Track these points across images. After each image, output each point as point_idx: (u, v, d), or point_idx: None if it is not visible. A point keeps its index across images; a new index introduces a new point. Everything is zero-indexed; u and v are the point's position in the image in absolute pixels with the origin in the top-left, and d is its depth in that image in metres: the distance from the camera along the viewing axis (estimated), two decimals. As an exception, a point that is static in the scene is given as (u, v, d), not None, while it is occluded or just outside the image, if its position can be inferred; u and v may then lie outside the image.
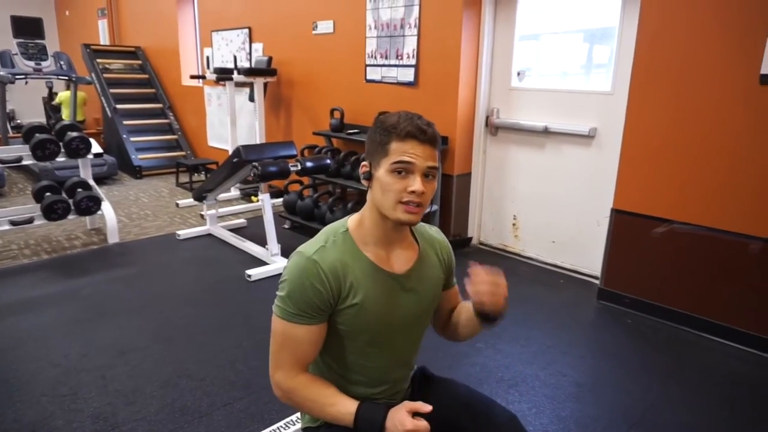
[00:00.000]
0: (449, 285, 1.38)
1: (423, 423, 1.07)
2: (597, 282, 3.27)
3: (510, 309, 1.23)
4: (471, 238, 4.18)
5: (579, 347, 2.72)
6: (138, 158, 6.62)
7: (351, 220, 1.23)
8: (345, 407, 1.13)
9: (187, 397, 2.23)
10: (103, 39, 8.60)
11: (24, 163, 3.93)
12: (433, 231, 1.36)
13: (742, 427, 2.11)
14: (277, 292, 1.18)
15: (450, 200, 3.98)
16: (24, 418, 2.08)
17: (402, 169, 1.10)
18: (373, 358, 1.25)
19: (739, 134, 2.57)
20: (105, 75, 7.13)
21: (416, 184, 1.10)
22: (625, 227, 3.05)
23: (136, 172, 6.53)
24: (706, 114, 2.66)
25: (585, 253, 3.52)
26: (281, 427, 2.01)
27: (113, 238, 4.16)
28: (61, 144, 3.94)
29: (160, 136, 7.11)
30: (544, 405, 2.22)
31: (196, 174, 6.35)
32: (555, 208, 3.67)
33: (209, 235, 4.38)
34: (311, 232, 4.32)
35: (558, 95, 3.55)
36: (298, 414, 2.04)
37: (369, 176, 1.17)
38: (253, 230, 4.43)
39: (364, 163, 1.18)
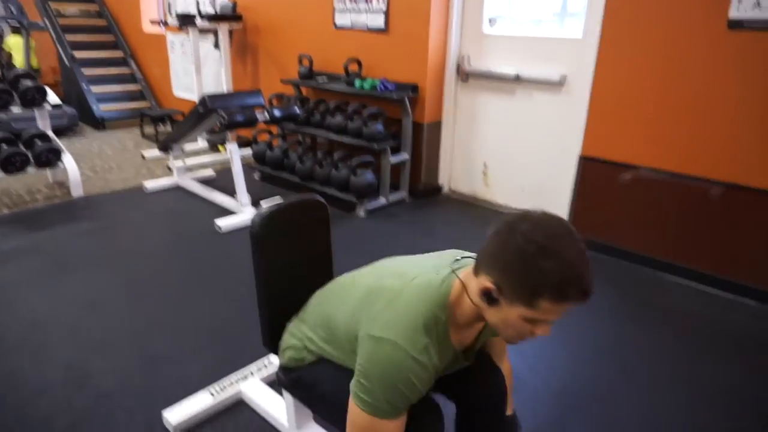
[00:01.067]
0: None
1: None
2: (564, 228, 3.34)
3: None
4: (441, 187, 4.20)
5: (545, 290, 2.81)
6: (100, 109, 6.36)
7: (451, 301, 1.06)
8: None
9: (159, 346, 2.24)
10: (55, -19, 8.07)
11: (-24, 113, 3.75)
12: None
13: (698, 361, 2.23)
14: (361, 380, 1.04)
15: (420, 149, 3.97)
16: (-7, 370, 2.07)
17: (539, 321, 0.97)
18: None
19: (707, 80, 2.60)
20: (59, 20, 6.73)
21: (548, 332, 1.00)
22: (592, 173, 3.10)
23: (99, 124, 6.30)
24: (674, 60, 2.67)
25: (553, 199, 3.58)
26: (253, 370, 2.06)
27: (77, 192, 4.05)
28: (14, 93, 3.76)
29: (123, 86, 6.82)
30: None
31: (161, 125, 6.15)
32: (525, 155, 3.69)
33: (177, 187, 4.29)
34: (281, 183, 4.29)
35: (530, 42, 3.51)
36: (270, 357, 2.09)
37: (492, 301, 0.98)
38: (223, 182, 4.36)
39: (488, 285, 0.96)
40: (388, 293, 1.09)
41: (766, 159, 2.50)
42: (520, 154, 3.71)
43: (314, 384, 1.29)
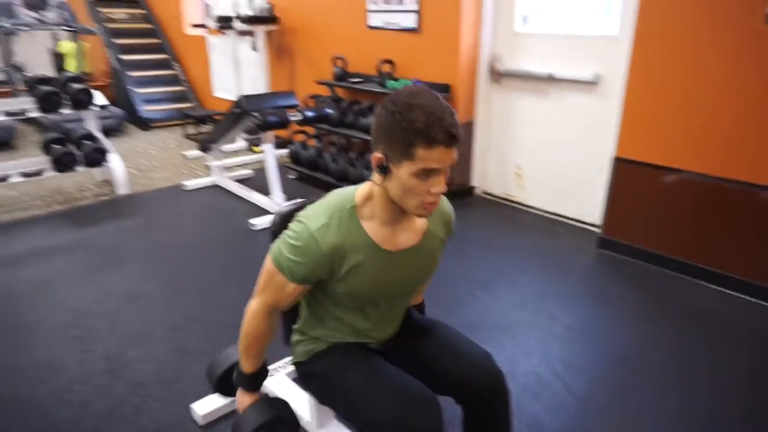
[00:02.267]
0: None
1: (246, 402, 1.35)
2: (598, 230, 3.29)
3: (509, 257, 1.29)
4: (474, 188, 4.19)
5: (574, 294, 2.77)
6: (145, 110, 6.62)
7: (359, 194, 1.20)
8: (245, 361, 1.35)
9: (193, 339, 2.34)
10: (106, -13, 8.43)
11: (31, 115, 3.98)
12: (443, 201, 1.34)
13: (727, 369, 2.16)
14: (280, 243, 1.21)
15: (453, 149, 3.96)
16: (39, 359, 2.20)
17: (428, 173, 1.06)
18: (359, 321, 1.32)
19: (745, 78, 2.50)
20: (108, 25, 7.05)
21: (441, 185, 1.09)
22: (627, 176, 3.03)
23: (144, 124, 6.56)
24: (711, 57, 2.59)
25: (587, 201, 3.52)
26: (279, 366, 2.12)
27: (122, 189, 4.24)
28: (65, 96, 3.97)
29: (167, 87, 7.08)
30: (534, 347, 2.29)
31: (203, 125, 6.36)
32: (558, 156, 3.64)
33: (216, 186, 4.44)
34: (316, 182, 4.37)
35: (563, 40, 3.45)
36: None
37: (385, 170, 1.10)
38: (260, 181, 4.47)
39: (378, 155, 1.10)
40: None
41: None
42: (554, 156, 3.66)
43: (327, 375, 1.34)
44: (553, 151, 3.66)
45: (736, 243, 2.69)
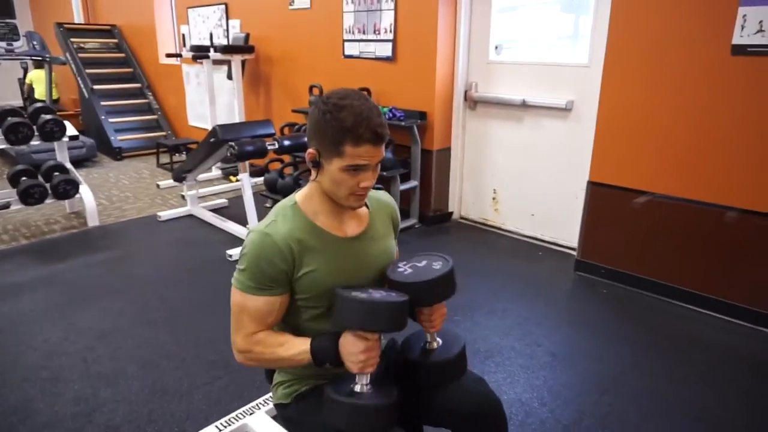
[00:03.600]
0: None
1: (374, 346, 1.13)
2: (575, 254, 3.32)
3: (488, 282, 1.27)
4: (452, 213, 4.20)
5: (555, 318, 2.78)
6: (117, 139, 6.52)
7: (299, 195, 1.26)
8: (299, 345, 1.19)
9: (168, 377, 2.26)
10: (77, 17, 8.36)
11: (-2, 147, 3.87)
12: (381, 194, 1.40)
13: (710, 391, 2.18)
14: (237, 266, 1.22)
15: (430, 175, 3.99)
16: (5, 402, 2.09)
17: (356, 169, 1.13)
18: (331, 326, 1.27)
19: (711, 105, 2.59)
20: (80, 54, 6.96)
21: (369, 180, 1.16)
22: (601, 199, 3.08)
23: (116, 154, 6.45)
24: (679, 85, 2.67)
25: (563, 225, 3.56)
26: (260, 403, 2.05)
27: (93, 222, 4.13)
28: (34, 127, 3.88)
29: (140, 116, 7.00)
30: (518, 374, 2.28)
31: (177, 154, 6.28)
32: (534, 181, 3.69)
33: (190, 215, 4.36)
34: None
35: (536, 68, 3.54)
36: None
37: (317, 165, 1.17)
38: (235, 210, 4.42)
39: (311, 151, 1.17)
40: None
41: (763, 183, 2.47)
42: (530, 180, 3.71)
43: (301, 420, 1.30)
44: (530, 176, 3.71)
45: (711, 263, 2.74)
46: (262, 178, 4.63)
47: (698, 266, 2.78)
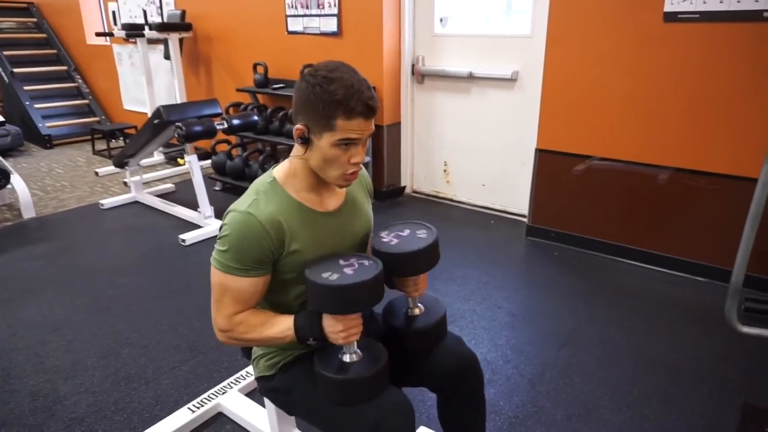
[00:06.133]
0: None
1: (355, 320, 1.15)
2: (525, 220, 3.45)
3: (446, 251, 1.30)
4: (404, 187, 4.25)
5: (512, 281, 2.89)
6: (46, 126, 6.11)
7: (277, 171, 1.23)
8: (283, 323, 1.19)
9: (131, 365, 2.19)
10: (-11, -5, 7.71)
11: None
12: None
13: (656, 336, 2.35)
14: (217, 246, 1.18)
15: (382, 151, 4.01)
16: (-46, 404, 1.98)
17: (347, 144, 1.11)
18: None
19: (646, 70, 2.73)
20: (-5, 36, 6.45)
21: (360, 155, 1.14)
22: (548, 166, 3.21)
23: (46, 142, 6.05)
24: (617, 53, 2.80)
25: (513, 193, 3.69)
26: (231, 382, 2.04)
27: (28, 213, 3.89)
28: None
29: (69, 101, 6.58)
30: (482, 336, 2.37)
31: (113, 140, 5.98)
32: (483, 151, 3.78)
33: (136, 202, 4.19)
34: (243, 192, 4.22)
35: (481, 40, 3.60)
36: (249, 368, 2.08)
37: (306, 141, 1.14)
38: (182, 195, 4.29)
39: (300, 127, 1.13)
40: None
41: (693, 143, 2.66)
42: (479, 151, 3.80)
43: (290, 390, 1.30)
44: (479, 147, 3.80)
45: (650, 221, 2.93)
46: (209, 161, 4.50)
47: (639, 224, 2.97)
